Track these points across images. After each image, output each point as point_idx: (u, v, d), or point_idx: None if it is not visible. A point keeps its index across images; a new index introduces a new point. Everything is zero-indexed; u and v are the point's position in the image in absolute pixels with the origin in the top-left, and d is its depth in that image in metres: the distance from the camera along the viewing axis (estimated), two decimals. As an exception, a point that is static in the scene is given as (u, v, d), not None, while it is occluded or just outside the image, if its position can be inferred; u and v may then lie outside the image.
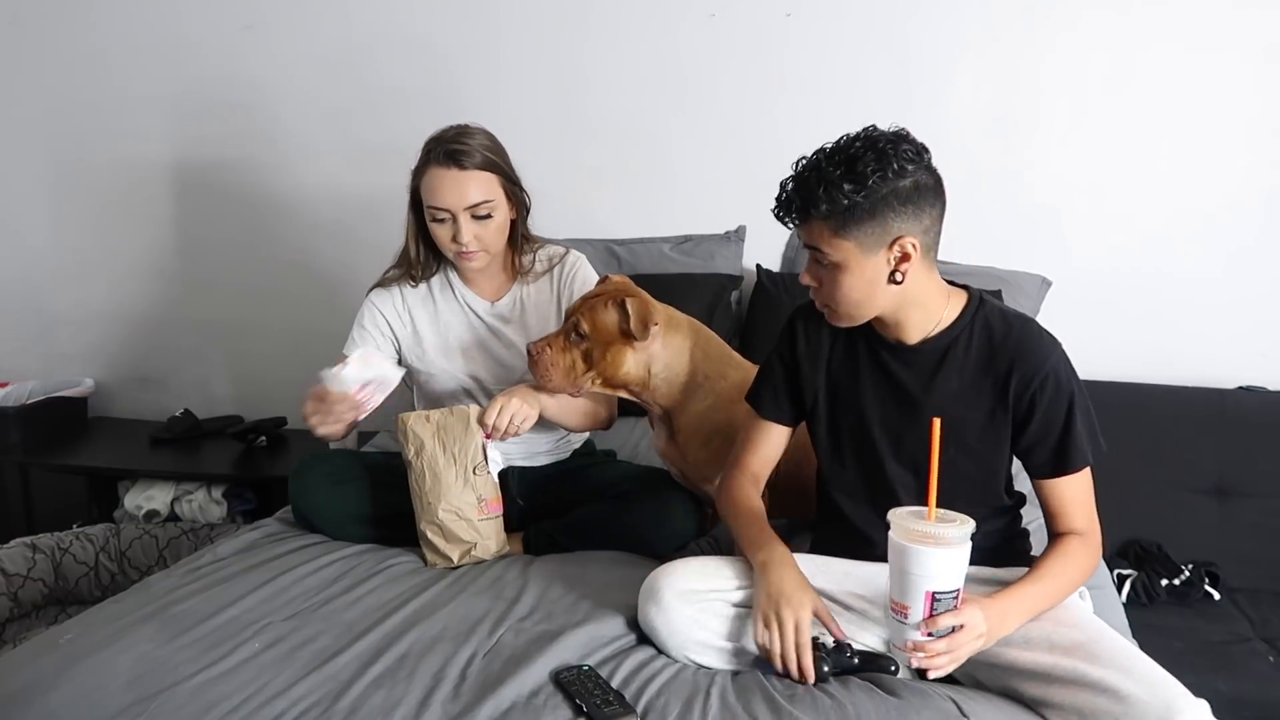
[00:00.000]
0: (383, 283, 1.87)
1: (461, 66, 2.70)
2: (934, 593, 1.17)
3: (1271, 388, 2.44)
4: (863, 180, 1.24)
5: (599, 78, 2.67)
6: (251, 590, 1.50)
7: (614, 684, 1.25)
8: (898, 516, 1.21)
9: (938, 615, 1.17)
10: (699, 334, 1.77)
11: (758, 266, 2.59)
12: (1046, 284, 2.49)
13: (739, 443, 1.55)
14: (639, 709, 1.19)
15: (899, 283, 1.30)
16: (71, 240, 2.99)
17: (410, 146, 1.77)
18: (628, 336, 1.68)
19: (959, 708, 1.21)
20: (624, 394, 1.77)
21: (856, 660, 1.28)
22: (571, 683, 1.23)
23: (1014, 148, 2.50)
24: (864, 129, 1.29)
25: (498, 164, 1.76)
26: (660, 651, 1.35)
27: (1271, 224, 2.45)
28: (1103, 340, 2.48)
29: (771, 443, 1.52)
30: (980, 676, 1.29)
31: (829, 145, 1.29)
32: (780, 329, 1.52)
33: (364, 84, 2.77)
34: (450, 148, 1.71)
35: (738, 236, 2.65)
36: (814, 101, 2.57)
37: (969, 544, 1.18)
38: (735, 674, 1.31)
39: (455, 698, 1.21)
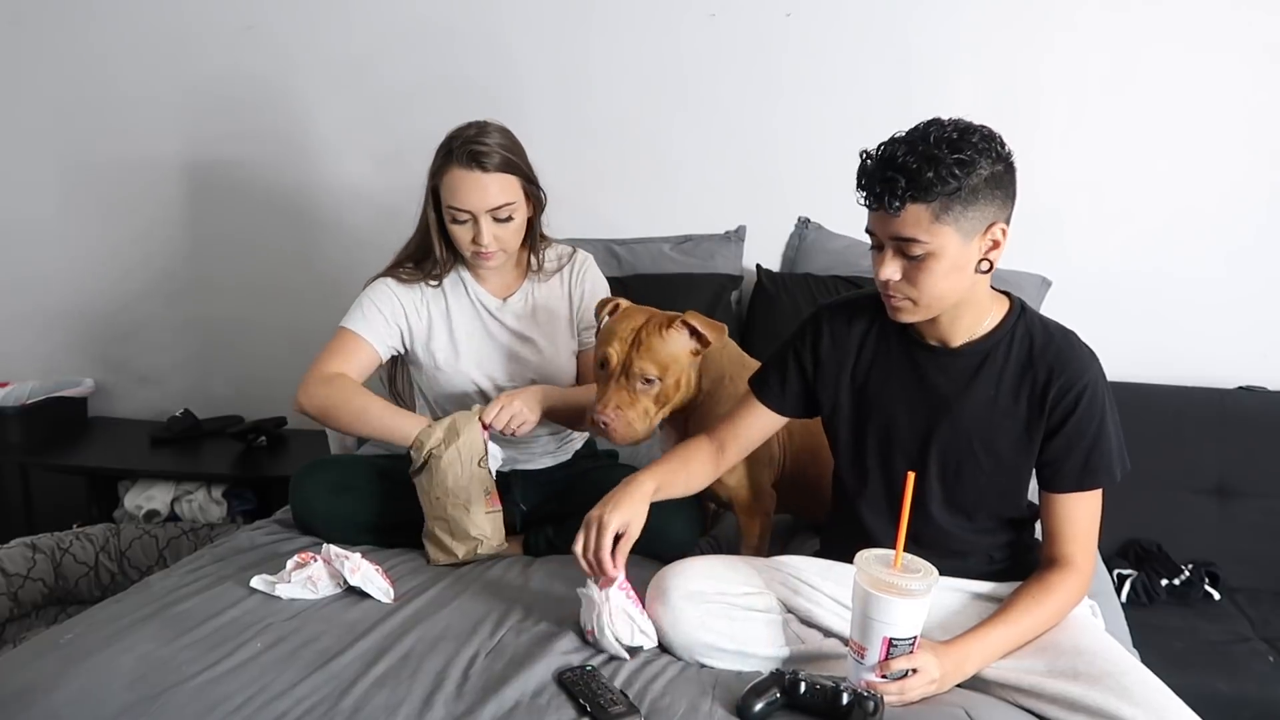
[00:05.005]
0: (397, 277, 1.83)
1: (463, 66, 2.70)
2: (891, 639, 1.17)
3: (1271, 388, 2.44)
4: (971, 163, 1.19)
5: (600, 77, 2.67)
6: (252, 590, 1.51)
7: (616, 684, 1.24)
8: (864, 560, 1.20)
9: (892, 659, 1.18)
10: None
11: (758, 266, 2.59)
12: (1046, 284, 2.49)
13: (723, 415, 1.52)
14: (643, 709, 1.19)
15: (985, 271, 1.26)
16: (72, 240, 2.99)
17: (411, 146, 1.76)
18: (697, 353, 1.60)
19: (968, 714, 1.21)
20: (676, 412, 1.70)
21: (810, 697, 1.18)
22: (575, 682, 1.23)
23: (1014, 148, 2.47)
24: (934, 119, 1.23)
25: (517, 164, 1.74)
26: (665, 651, 1.35)
27: (1272, 224, 2.45)
28: (1103, 340, 2.41)
29: (756, 427, 1.47)
30: (997, 697, 1.27)
31: (904, 133, 1.23)
32: (803, 321, 1.46)
33: (366, 84, 2.76)
34: (472, 148, 1.69)
35: (738, 236, 2.65)
36: (814, 101, 2.57)
37: (931, 594, 1.18)
38: (739, 675, 1.30)
39: (458, 697, 1.21)
